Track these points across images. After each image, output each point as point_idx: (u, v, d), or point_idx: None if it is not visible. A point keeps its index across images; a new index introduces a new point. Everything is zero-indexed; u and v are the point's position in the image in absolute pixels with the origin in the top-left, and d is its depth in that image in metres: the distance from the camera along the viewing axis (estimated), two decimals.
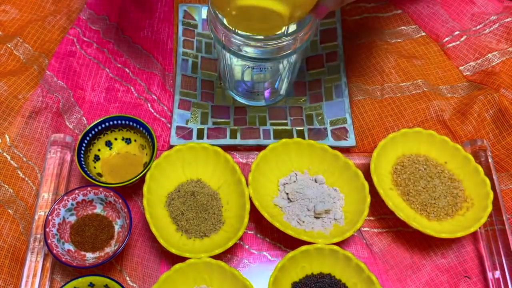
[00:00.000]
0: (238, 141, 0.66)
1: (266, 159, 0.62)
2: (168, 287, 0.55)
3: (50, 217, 0.57)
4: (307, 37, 0.58)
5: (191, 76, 0.71)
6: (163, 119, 0.69)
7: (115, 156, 0.66)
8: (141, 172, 0.60)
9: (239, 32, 0.55)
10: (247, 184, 0.60)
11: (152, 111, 0.69)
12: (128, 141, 0.66)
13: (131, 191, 0.64)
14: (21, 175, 0.63)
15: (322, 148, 0.63)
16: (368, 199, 0.59)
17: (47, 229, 0.57)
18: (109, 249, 0.59)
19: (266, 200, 0.61)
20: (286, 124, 0.68)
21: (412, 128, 0.64)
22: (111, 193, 0.59)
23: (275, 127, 0.68)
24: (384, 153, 0.63)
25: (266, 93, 0.69)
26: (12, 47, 0.70)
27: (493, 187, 0.61)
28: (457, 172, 0.63)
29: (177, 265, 0.55)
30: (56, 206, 0.58)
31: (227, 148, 0.65)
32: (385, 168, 0.64)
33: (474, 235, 0.62)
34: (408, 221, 0.58)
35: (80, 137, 0.63)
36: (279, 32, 0.54)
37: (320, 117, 0.68)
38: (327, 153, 0.63)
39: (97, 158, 0.65)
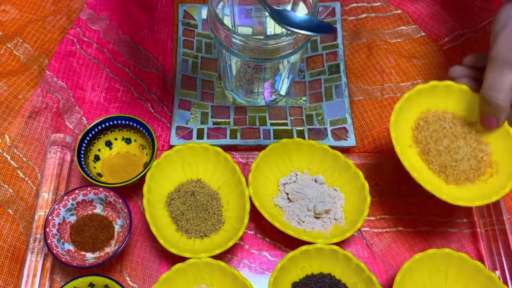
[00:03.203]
0: (238, 141, 0.66)
1: (266, 159, 0.62)
2: (168, 287, 0.55)
3: (50, 217, 0.57)
4: (307, 37, 0.58)
5: (191, 76, 0.71)
6: (163, 119, 0.69)
7: (115, 156, 0.66)
8: (141, 172, 0.60)
9: (239, 32, 0.55)
10: (247, 184, 0.60)
11: (152, 111, 0.69)
12: (128, 141, 0.66)
13: (131, 191, 0.64)
14: (21, 175, 0.63)
15: (322, 148, 0.63)
16: (368, 199, 0.59)
17: (47, 229, 0.57)
18: (109, 249, 0.59)
19: (266, 200, 0.61)
20: (286, 124, 0.68)
21: (442, 81, 0.58)
22: (111, 193, 0.59)
23: (275, 127, 0.68)
24: (408, 106, 0.58)
25: (266, 93, 0.69)
26: (12, 47, 0.70)
27: None
28: (486, 134, 0.57)
29: (177, 265, 0.55)
30: (56, 206, 0.58)
31: (227, 148, 0.65)
32: (407, 123, 0.59)
33: (474, 235, 0.62)
34: (423, 183, 0.53)
35: (80, 137, 0.63)
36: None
37: (320, 117, 0.68)
38: (327, 153, 0.63)
39: (97, 158, 0.65)
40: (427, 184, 0.54)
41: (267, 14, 0.62)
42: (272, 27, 0.66)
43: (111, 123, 0.64)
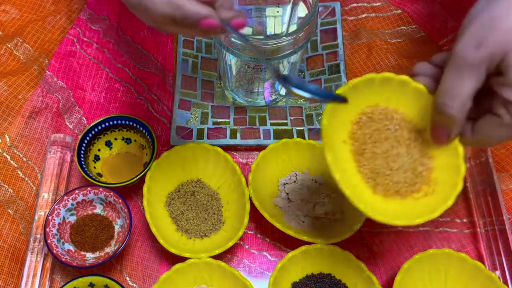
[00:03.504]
0: (238, 141, 0.66)
1: (266, 159, 0.62)
2: (168, 287, 0.55)
3: (50, 217, 0.57)
4: (307, 37, 0.58)
5: (191, 76, 0.71)
6: (163, 119, 0.69)
7: (115, 156, 0.66)
8: (141, 172, 0.60)
9: (239, 31, 0.55)
10: (247, 184, 0.60)
11: (152, 111, 0.69)
12: (128, 141, 0.66)
13: (131, 191, 0.64)
14: (21, 175, 0.63)
15: (323, 148, 0.63)
16: None
17: (47, 229, 0.57)
18: (109, 249, 0.58)
19: (266, 200, 0.61)
20: (286, 124, 0.68)
21: (398, 75, 0.49)
22: (111, 193, 0.59)
23: (275, 127, 0.67)
24: (355, 93, 0.47)
25: (266, 93, 0.69)
26: (12, 47, 0.70)
27: (493, 187, 0.61)
28: (433, 146, 0.48)
29: (177, 265, 0.55)
30: (56, 206, 0.58)
31: (227, 148, 0.65)
32: (349, 113, 0.49)
33: (474, 235, 0.62)
34: (344, 186, 0.45)
35: (80, 137, 0.63)
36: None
37: (320, 117, 0.68)
38: None
39: (97, 158, 0.65)
40: (347, 188, 0.45)
41: (267, 14, 0.62)
42: (272, 27, 0.66)
43: (111, 123, 0.64)
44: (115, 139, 0.66)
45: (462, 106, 0.42)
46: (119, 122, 0.65)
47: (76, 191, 0.59)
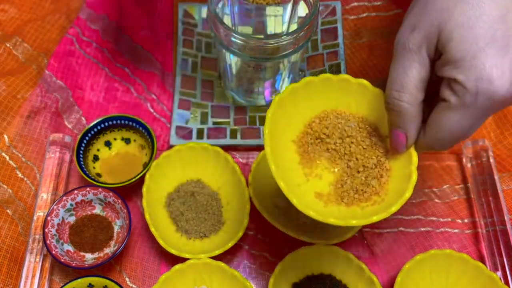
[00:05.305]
0: (238, 141, 0.66)
1: (266, 160, 0.62)
2: (167, 287, 0.54)
3: (49, 218, 0.57)
4: (307, 36, 0.57)
5: (191, 76, 0.71)
6: (162, 119, 0.69)
7: (115, 156, 0.65)
8: (141, 172, 0.60)
9: (239, 31, 0.55)
10: (247, 185, 0.60)
11: (152, 111, 0.69)
12: (127, 141, 0.66)
13: (130, 191, 0.63)
14: (20, 175, 0.62)
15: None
16: None
17: (46, 230, 0.56)
18: (109, 250, 0.58)
19: (266, 201, 0.61)
20: None
21: (357, 79, 0.46)
22: (111, 194, 0.59)
23: None
24: (307, 94, 0.46)
25: (267, 93, 0.69)
26: (11, 47, 0.69)
27: (494, 188, 0.60)
28: (391, 156, 0.45)
29: (177, 266, 0.55)
30: (55, 207, 0.58)
31: (227, 148, 0.65)
32: (301, 116, 0.47)
33: (475, 235, 0.61)
34: (279, 181, 0.43)
35: (79, 137, 0.62)
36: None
37: None
38: None
39: (96, 158, 0.65)
40: (280, 182, 0.43)
41: (267, 13, 0.62)
42: (273, 26, 0.66)
43: (110, 123, 0.64)
44: (115, 139, 0.65)
45: (411, 97, 0.39)
46: (119, 122, 0.64)
47: (75, 192, 0.59)
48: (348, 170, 0.46)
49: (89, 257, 0.58)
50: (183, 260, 0.55)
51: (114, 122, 0.64)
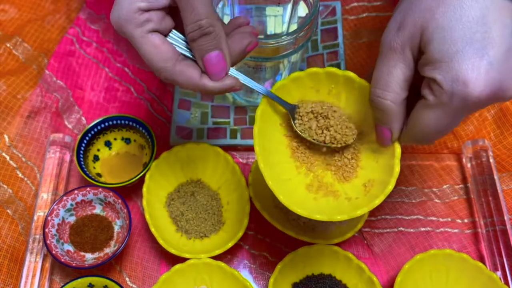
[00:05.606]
0: (238, 141, 0.66)
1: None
2: (167, 287, 0.54)
3: (49, 218, 0.57)
4: (307, 37, 0.57)
5: None
6: (163, 119, 0.69)
7: (115, 156, 0.65)
8: (141, 172, 0.60)
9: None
10: (247, 185, 0.60)
11: (152, 111, 0.69)
12: (127, 141, 0.66)
13: (130, 191, 0.63)
14: (20, 175, 0.62)
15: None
16: None
17: (46, 230, 0.56)
18: (109, 250, 0.58)
19: (266, 201, 0.61)
20: None
21: (344, 71, 0.47)
22: (111, 193, 0.59)
23: None
24: (297, 88, 0.48)
25: None
26: (11, 47, 0.69)
27: (494, 188, 0.60)
28: (377, 150, 0.47)
29: (177, 266, 0.55)
30: (55, 207, 0.58)
31: (227, 148, 0.65)
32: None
33: (475, 235, 0.61)
34: (267, 179, 0.44)
35: (79, 137, 0.62)
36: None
37: None
38: None
39: (96, 158, 0.65)
40: (262, 164, 0.45)
41: (267, 13, 0.62)
42: (273, 26, 0.66)
43: (110, 123, 0.64)
44: (115, 139, 0.65)
45: (395, 95, 0.41)
46: (119, 122, 0.64)
47: (76, 191, 0.59)
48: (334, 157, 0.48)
49: (89, 257, 0.58)
50: (183, 260, 0.55)
51: (114, 122, 0.64)
